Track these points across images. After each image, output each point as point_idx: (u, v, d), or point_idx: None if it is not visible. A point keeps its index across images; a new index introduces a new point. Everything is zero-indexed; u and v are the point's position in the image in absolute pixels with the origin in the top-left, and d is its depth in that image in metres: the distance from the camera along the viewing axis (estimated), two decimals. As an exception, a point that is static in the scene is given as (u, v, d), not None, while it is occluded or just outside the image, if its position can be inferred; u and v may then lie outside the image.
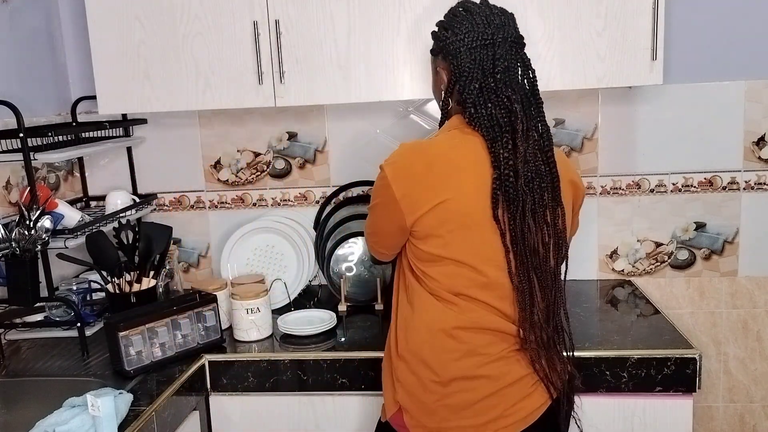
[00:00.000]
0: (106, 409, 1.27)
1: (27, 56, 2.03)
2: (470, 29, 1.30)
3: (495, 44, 1.29)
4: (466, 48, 1.29)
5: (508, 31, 1.31)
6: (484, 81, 1.28)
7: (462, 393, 1.29)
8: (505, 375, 1.29)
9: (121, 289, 1.79)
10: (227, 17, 1.79)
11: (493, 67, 1.28)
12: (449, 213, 1.26)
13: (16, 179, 1.91)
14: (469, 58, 1.29)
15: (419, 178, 1.27)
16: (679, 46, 2.01)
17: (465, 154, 1.28)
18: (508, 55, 1.30)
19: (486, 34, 1.29)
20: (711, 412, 2.19)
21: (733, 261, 2.13)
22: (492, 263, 1.28)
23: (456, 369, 1.29)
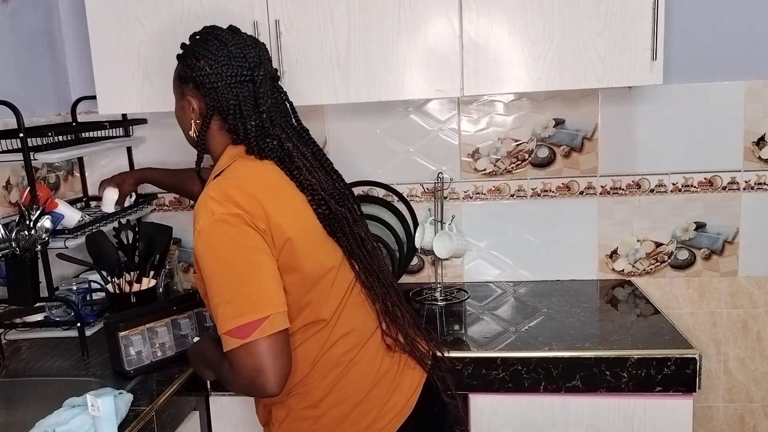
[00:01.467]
0: (106, 409, 1.27)
1: (27, 56, 2.03)
2: (226, 63, 1.26)
3: (255, 81, 1.27)
4: (224, 84, 1.26)
5: (266, 66, 1.31)
6: (254, 118, 1.27)
7: (334, 408, 1.27)
8: (368, 377, 1.29)
9: (121, 289, 1.79)
10: (227, 17, 1.78)
11: (256, 105, 1.27)
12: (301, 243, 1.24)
13: (16, 179, 1.91)
14: (231, 94, 1.26)
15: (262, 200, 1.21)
16: (679, 46, 2.01)
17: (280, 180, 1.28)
18: (269, 92, 1.30)
19: (244, 68, 1.27)
20: (711, 412, 2.19)
21: (733, 261, 2.13)
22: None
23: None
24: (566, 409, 1.63)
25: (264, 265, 1.16)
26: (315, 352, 1.26)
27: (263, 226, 1.17)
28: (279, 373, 1.13)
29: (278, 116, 1.32)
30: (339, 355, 1.27)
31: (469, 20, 1.73)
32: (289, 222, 1.20)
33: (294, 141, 1.32)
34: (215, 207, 1.16)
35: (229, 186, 1.20)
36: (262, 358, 1.11)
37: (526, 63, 1.74)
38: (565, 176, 2.14)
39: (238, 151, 1.29)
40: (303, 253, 1.21)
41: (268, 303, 1.14)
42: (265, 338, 1.11)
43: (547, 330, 1.77)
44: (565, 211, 2.15)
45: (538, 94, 2.09)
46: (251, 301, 1.13)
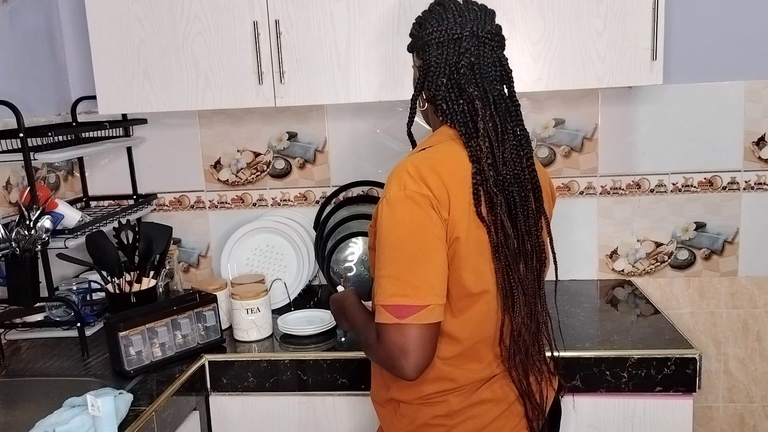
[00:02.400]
0: (106, 409, 1.27)
1: (27, 56, 2.03)
2: (440, 24, 1.24)
3: (462, 38, 1.22)
4: (435, 42, 1.24)
5: (479, 26, 1.24)
6: (450, 76, 1.23)
7: (469, 421, 1.25)
8: (508, 395, 1.26)
9: (121, 289, 1.79)
10: (227, 17, 1.79)
11: (457, 62, 1.22)
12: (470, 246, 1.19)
13: (16, 179, 1.91)
14: (437, 52, 1.24)
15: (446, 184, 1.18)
16: (679, 46, 2.01)
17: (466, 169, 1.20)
18: (477, 51, 1.23)
19: (455, 28, 1.23)
20: (711, 412, 2.19)
21: (733, 261, 2.13)
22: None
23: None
24: (566, 409, 1.63)
25: (437, 253, 1.15)
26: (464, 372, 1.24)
27: (446, 215, 1.15)
28: (422, 361, 1.14)
29: (484, 79, 1.23)
30: (479, 375, 1.25)
31: (469, 20, 1.73)
32: (463, 222, 1.17)
33: (491, 107, 1.22)
34: (409, 182, 1.15)
35: (426, 166, 1.18)
36: (410, 342, 1.12)
37: (526, 63, 1.74)
38: (565, 176, 2.14)
39: (451, 134, 1.25)
40: (466, 258, 1.17)
41: (431, 292, 1.13)
42: (418, 325, 1.12)
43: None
44: (565, 211, 2.15)
45: (538, 94, 2.09)
46: (416, 286, 1.13)
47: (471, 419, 1.24)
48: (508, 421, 1.26)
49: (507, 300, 1.22)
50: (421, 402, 1.25)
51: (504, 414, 1.26)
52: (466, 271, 1.18)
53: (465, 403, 1.24)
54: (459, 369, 1.23)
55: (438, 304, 1.14)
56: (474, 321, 1.22)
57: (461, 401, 1.24)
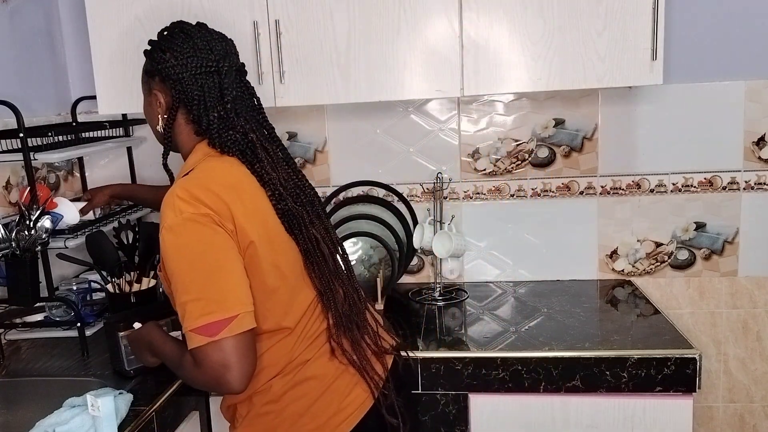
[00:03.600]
0: (106, 409, 1.27)
1: (27, 56, 2.03)
2: (192, 54, 1.28)
3: (221, 73, 1.28)
4: (189, 74, 1.27)
5: (232, 59, 1.32)
6: (218, 109, 1.28)
7: (294, 403, 1.27)
8: (329, 372, 1.30)
9: (121, 289, 1.79)
10: (227, 17, 1.79)
11: (221, 96, 1.28)
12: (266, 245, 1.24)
13: (16, 179, 1.91)
14: (195, 85, 1.27)
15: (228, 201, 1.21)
16: (679, 46, 2.01)
17: (243, 177, 1.28)
18: (235, 84, 1.31)
19: (210, 60, 1.28)
20: (711, 412, 2.19)
21: (733, 261, 2.13)
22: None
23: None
24: (566, 409, 1.63)
25: (232, 264, 1.17)
26: (281, 358, 1.28)
27: (231, 226, 1.18)
28: (245, 371, 1.14)
29: (244, 110, 1.32)
30: (303, 357, 1.29)
31: (469, 20, 1.73)
32: (252, 226, 1.21)
33: (258, 134, 1.32)
34: (183, 206, 1.16)
35: (196, 186, 1.20)
36: (228, 356, 1.12)
37: (526, 63, 1.74)
38: (565, 176, 2.14)
39: (207, 150, 1.30)
40: (264, 258, 1.22)
41: (236, 302, 1.15)
42: (233, 337, 1.12)
43: (547, 330, 1.77)
44: (565, 211, 2.15)
45: (538, 94, 2.09)
46: (219, 300, 1.13)
47: (296, 400, 1.27)
48: (337, 393, 1.28)
49: (327, 292, 1.30)
50: (249, 394, 1.28)
51: (331, 387, 1.28)
52: (267, 269, 1.22)
53: (288, 385, 1.27)
54: (277, 352, 1.27)
55: (247, 311, 1.16)
56: (276, 310, 1.25)
57: (284, 384, 1.27)
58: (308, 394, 1.28)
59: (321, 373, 1.29)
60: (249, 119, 1.32)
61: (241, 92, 1.33)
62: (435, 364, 1.66)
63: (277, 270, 1.25)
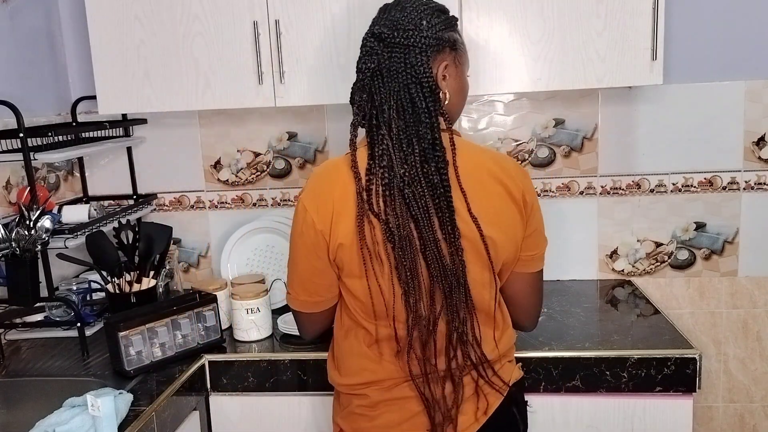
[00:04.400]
0: (106, 409, 1.27)
1: (27, 56, 2.03)
2: (374, 22, 1.26)
3: (366, 40, 1.25)
4: (363, 43, 1.26)
5: (379, 26, 1.23)
6: (358, 77, 1.27)
7: (388, 414, 1.27)
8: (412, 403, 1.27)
9: (121, 289, 1.80)
10: (227, 17, 1.79)
11: (361, 64, 1.25)
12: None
13: (16, 179, 1.91)
14: (361, 53, 1.25)
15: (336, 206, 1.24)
16: (679, 46, 2.01)
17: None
18: (381, 53, 1.22)
19: (368, 29, 1.25)
20: (711, 412, 2.19)
21: (733, 261, 2.13)
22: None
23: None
24: (566, 409, 1.63)
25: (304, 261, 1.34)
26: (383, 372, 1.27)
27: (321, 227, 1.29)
28: (303, 333, 1.43)
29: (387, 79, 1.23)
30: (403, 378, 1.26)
31: (469, 20, 1.73)
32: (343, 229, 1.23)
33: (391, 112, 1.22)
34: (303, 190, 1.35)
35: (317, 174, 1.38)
36: (294, 314, 1.41)
37: (526, 63, 1.74)
38: (565, 176, 2.14)
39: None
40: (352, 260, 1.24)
41: (295, 288, 1.36)
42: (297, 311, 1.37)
43: (547, 330, 1.77)
44: (565, 211, 2.15)
45: (538, 94, 2.09)
46: (290, 277, 1.38)
47: (390, 412, 1.27)
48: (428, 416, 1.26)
49: (407, 298, 1.18)
50: (347, 391, 1.33)
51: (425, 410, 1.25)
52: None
53: (385, 396, 1.28)
54: (377, 363, 1.27)
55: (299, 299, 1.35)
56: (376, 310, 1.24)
57: (381, 394, 1.28)
58: (403, 409, 1.27)
59: (416, 395, 1.26)
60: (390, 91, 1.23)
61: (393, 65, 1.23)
62: (435, 364, 1.66)
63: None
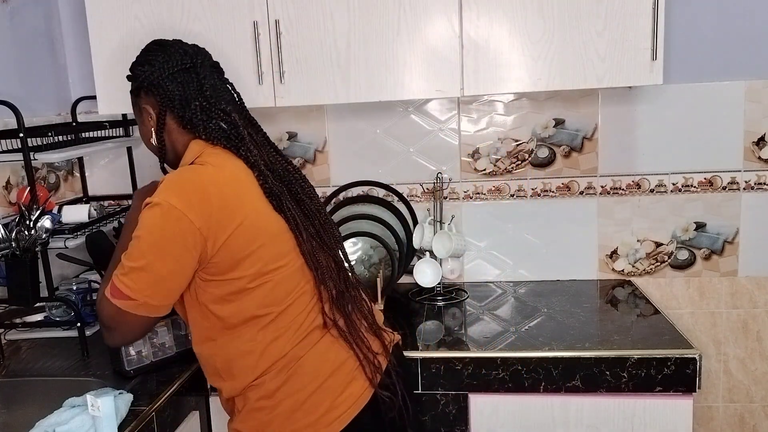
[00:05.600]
0: (106, 409, 1.27)
1: (27, 56, 2.03)
2: (166, 59, 1.35)
3: (197, 67, 1.35)
4: (167, 75, 1.34)
5: (205, 56, 1.40)
6: (199, 99, 1.34)
7: (288, 398, 1.29)
8: (323, 368, 1.31)
9: (121, 289, 1.79)
10: (227, 17, 1.79)
11: (200, 88, 1.34)
12: (254, 229, 1.27)
13: (16, 179, 1.91)
14: (174, 83, 1.34)
15: (215, 204, 1.24)
16: (679, 46, 2.01)
17: (234, 171, 1.31)
18: (211, 77, 1.37)
19: (184, 59, 1.35)
20: (711, 412, 2.19)
21: (733, 261, 2.13)
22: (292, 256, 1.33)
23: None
24: (566, 409, 1.63)
25: (174, 264, 1.23)
26: (273, 352, 1.29)
27: (200, 224, 1.21)
28: (118, 340, 1.33)
29: (224, 101, 1.37)
30: (296, 353, 1.30)
31: (469, 20, 1.73)
32: (241, 209, 1.26)
33: (241, 119, 1.37)
34: (174, 200, 1.22)
35: (189, 191, 1.24)
36: (117, 321, 1.26)
37: (526, 63, 1.74)
38: (565, 176, 2.14)
39: (203, 144, 1.35)
40: (249, 243, 1.26)
41: (146, 292, 1.23)
42: (127, 312, 1.24)
43: (547, 330, 1.77)
44: (565, 211, 2.15)
45: (538, 94, 2.09)
46: (138, 281, 1.22)
47: (290, 396, 1.28)
48: (329, 392, 1.29)
49: (318, 266, 1.33)
50: (245, 389, 1.31)
51: (323, 386, 1.29)
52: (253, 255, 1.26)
53: (281, 381, 1.28)
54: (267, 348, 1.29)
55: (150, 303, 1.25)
56: (267, 295, 1.28)
57: (278, 380, 1.28)
58: (302, 389, 1.28)
59: (314, 369, 1.30)
60: (232, 107, 1.38)
61: (220, 85, 1.40)
62: (435, 364, 1.66)
63: (266, 255, 1.28)
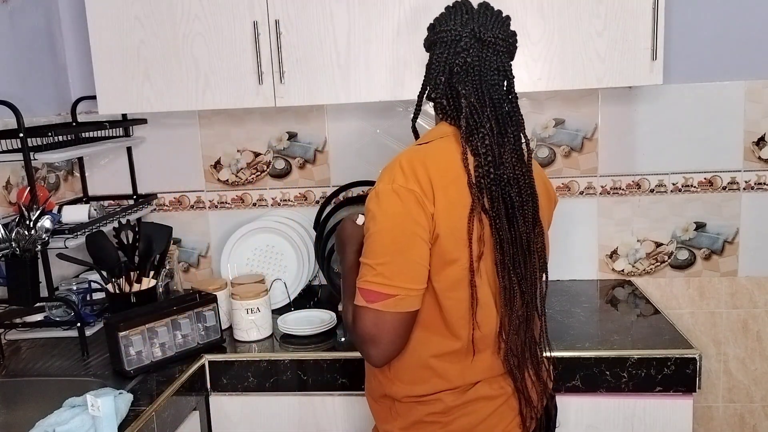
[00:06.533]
0: (106, 409, 1.27)
1: (27, 56, 2.03)
2: (446, 24, 1.26)
3: (461, 39, 1.23)
4: (439, 42, 1.25)
5: (484, 28, 1.23)
6: (447, 75, 1.24)
7: (463, 417, 1.25)
8: (504, 389, 1.27)
9: (121, 289, 1.79)
10: (227, 17, 1.79)
11: (453, 61, 1.24)
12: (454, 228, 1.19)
13: (16, 179, 1.91)
14: (438, 51, 1.25)
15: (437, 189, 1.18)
16: (679, 46, 2.01)
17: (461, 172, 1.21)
18: (476, 53, 1.23)
19: (457, 28, 1.24)
20: (711, 412, 2.19)
21: (733, 261, 2.13)
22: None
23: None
24: (566, 409, 1.63)
25: (414, 245, 1.16)
26: (456, 374, 1.24)
27: (431, 209, 1.17)
28: (389, 351, 1.18)
29: (483, 82, 1.23)
30: (475, 378, 1.25)
31: (469, 20, 1.73)
32: (445, 220, 1.17)
33: (489, 110, 1.22)
34: (398, 176, 1.19)
35: (419, 161, 1.20)
36: (379, 328, 1.15)
37: (526, 63, 1.74)
38: (565, 176, 2.14)
39: (447, 131, 1.26)
40: (444, 255, 1.18)
41: (404, 281, 1.15)
42: (389, 313, 1.15)
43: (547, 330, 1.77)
44: (565, 211, 2.15)
45: (538, 94, 2.09)
46: (390, 275, 1.15)
47: (466, 415, 1.24)
48: (503, 417, 1.26)
49: (506, 295, 1.22)
50: (414, 401, 1.25)
51: (498, 410, 1.26)
52: (446, 268, 1.19)
53: (459, 401, 1.24)
54: (453, 367, 1.23)
55: (409, 295, 1.16)
56: (453, 314, 1.21)
57: (455, 399, 1.24)
58: (478, 411, 1.24)
59: (492, 395, 1.25)
60: (486, 90, 1.23)
61: (484, 62, 1.24)
62: (435, 364, 1.66)
63: (457, 271, 1.19)
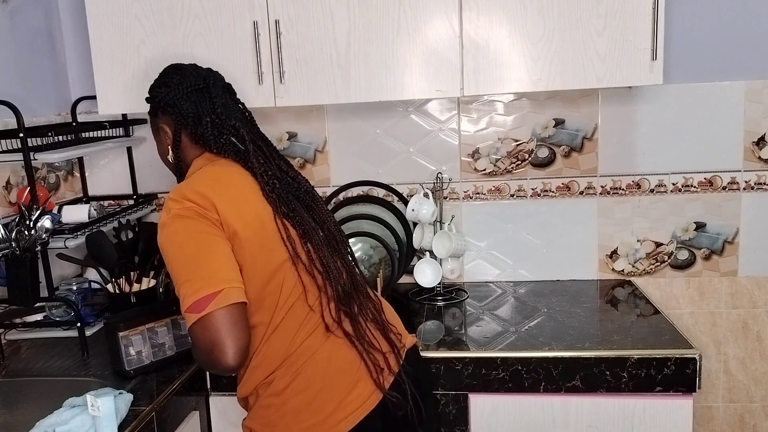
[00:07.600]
0: (106, 409, 1.27)
1: (27, 56, 2.03)
2: (181, 81, 1.41)
3: (208, 87, 1.41)
4: (182, 95, 1.40)
5: (217, 78, 1.46)
6: (210, 116, 1.38)
7: (295, 397, 1.29)
8: (331, 366, 1.31)
9: (121, 289, 1.79)
10: (227, 17, 1.79)
11: (212, 106, 1.39)
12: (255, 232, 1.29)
13: (16, 179, 1.91)
14: (188, 102, 1.39)
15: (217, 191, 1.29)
16: (679, 46, 2.01)
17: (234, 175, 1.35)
18: (223, 96, 1.42)
19: (198, 80, 1.41)
20: (711, 412, 2.19)
21: (733, 261, 2.13)
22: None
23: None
24: (566, 409, 1.63)
25: (216, 246, 1.23)
26: (280, 349, 1.30)
27: (215, 216, 1.25)
28: (235, 345, 1.17)
29: (235, 118, 1.41)
30: (303, 351, 1.30)
31: (469, 20, 1.73)
32: (236, 217, 1.26)
33: (249, 133, 1.41)
34: (172, 205, 1.26)
35: (185, 187, 1.30)
36: (217, 331, 1.16)
37: (526, 63, 1.74)
38: (565, 176, 2.14)
39: (208, 157, 1.40)
40: (249, 247, 1.26)
41: (220, 278, 1.20)
42: (220, 311, 1.17)
43: (547, 330, 1.77)
44: (565, 211, 2.15)
45: (538, 94, 2.09)
46: (205, 278, 1.19)
47: (297, 395, 1.29)
48: (336, 392, 1.29)
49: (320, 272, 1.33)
50: (259, 386, 1.32)
51: (331, 385, 1.29)
52: (253, 259, 1.27)
53: (289, 378, 1.29)
54: (273, 347, 1.30)
55: (233, 286, 1.20)
56: (268, 299, 1.29)
57: (285, 377, 1.29)
58: (309, 388, 1.29)
59: (320, 369, 1.30)
60: (241, 124, 1.41)
61: (231, 104, 1.45)
62: (435, 364, 1.66)
63: (266, 259, 1.28)
